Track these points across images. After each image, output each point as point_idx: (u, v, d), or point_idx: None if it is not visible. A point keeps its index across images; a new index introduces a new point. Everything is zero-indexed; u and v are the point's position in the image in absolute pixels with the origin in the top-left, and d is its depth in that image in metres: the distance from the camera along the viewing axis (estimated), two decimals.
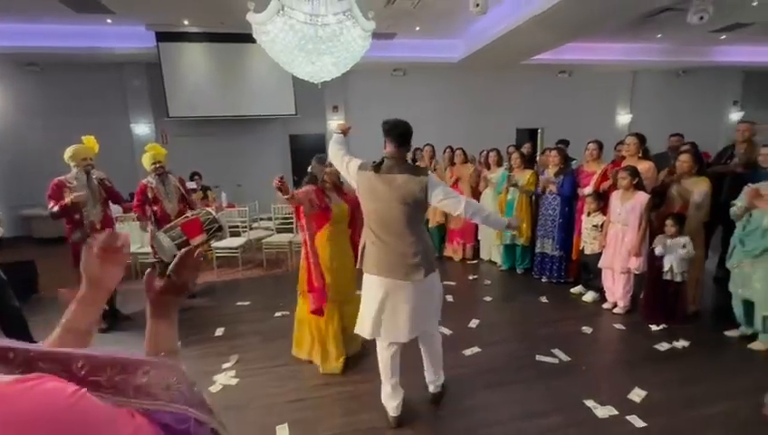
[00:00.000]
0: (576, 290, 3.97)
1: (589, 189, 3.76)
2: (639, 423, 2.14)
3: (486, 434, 2.13)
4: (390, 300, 2.05)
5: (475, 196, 5.08)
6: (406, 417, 2.22)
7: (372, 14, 3.18)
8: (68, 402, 0.39)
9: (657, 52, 8.54)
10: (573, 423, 2.17)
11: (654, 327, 3.20)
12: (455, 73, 8.55)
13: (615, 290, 3.53)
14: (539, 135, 9.71)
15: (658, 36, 7.75)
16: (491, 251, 5.04)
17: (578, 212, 4.00)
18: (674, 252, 3.13)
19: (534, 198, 4.46)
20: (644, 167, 3.48)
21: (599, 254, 3.60)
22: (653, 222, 3.41)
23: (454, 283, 4.37)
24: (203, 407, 0.60)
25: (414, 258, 1.98)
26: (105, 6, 5.51)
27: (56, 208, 3.11)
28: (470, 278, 4.58)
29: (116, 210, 4.20)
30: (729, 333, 3.05)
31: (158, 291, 0.75)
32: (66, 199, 3.09)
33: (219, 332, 3.36)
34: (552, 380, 2.57)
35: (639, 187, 3.31)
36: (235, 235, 5.53)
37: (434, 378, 2.36)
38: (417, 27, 6.84)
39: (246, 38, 4.35)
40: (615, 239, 3.43)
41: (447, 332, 3.16)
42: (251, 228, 5.73)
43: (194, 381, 0.62)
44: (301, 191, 2.54)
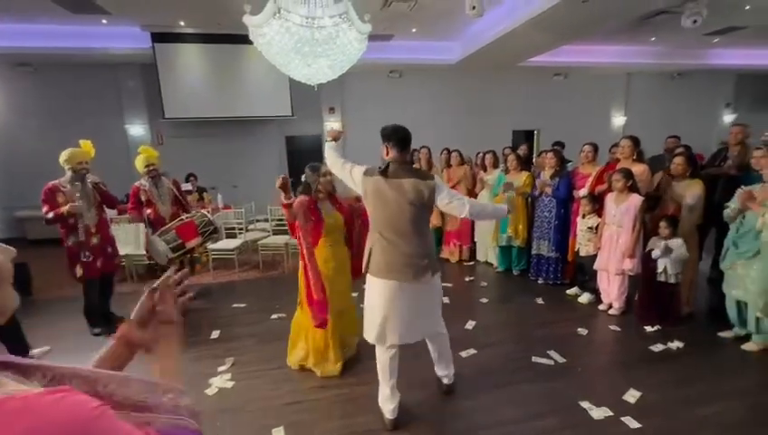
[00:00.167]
0: (572, 292, 3.98)
1: (584, 192, 3.78)
2: (634, 424, 2.15)
3: None
4: (399, 302, 2.07)
5: (472, 197, 5.10)
6: (401, 419, 2.21)
7: (368, 16, 3.18)
8: (92, 415, 0.42)
9: (652, 54, 8.62)
10: (569, 425, 2.18)
11: (648, 328, 3.22)
12: (451, 75, 8.57)
13: (610, 291, 3.55)
14: (535, 137, 9.76)
15: (653, 39, 7.82)
16: (487, 253, 5.06)
17: (573, 214, 4.02)
18: (668, 254, 3.15)
19: (530, 200, 4.48)
20: (638, 169, 3.51)
21: (594, 255, 3.62)
22: (647, 224, 3.44)
23: (450, 284, 4.37)
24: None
25: (423, 259, 2.05)
26: (101, 7, 5.48)
27: (51, 215, 3.09)
28: (466, 280, 4.59)
29: (112, 213, 4.17)
30: (723, 334, 3.08)
31: (140, 326, 0.79)
32: (62, 209, 3.07)
33: (215, 334, 3.34)
34: (548, 381, 2.58)
35: (634, 189, 3.34)
36: (232, 236, 5.52)
37: (446, 372, 2.44)
38: (414, 29, 6.85)
39: (243, 39, 4.33)
40: (610, 241, 3.45)
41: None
42: (247, 230, 5.72)
43: (199, 411, 0.68)
44: (296, 203, 2.51)
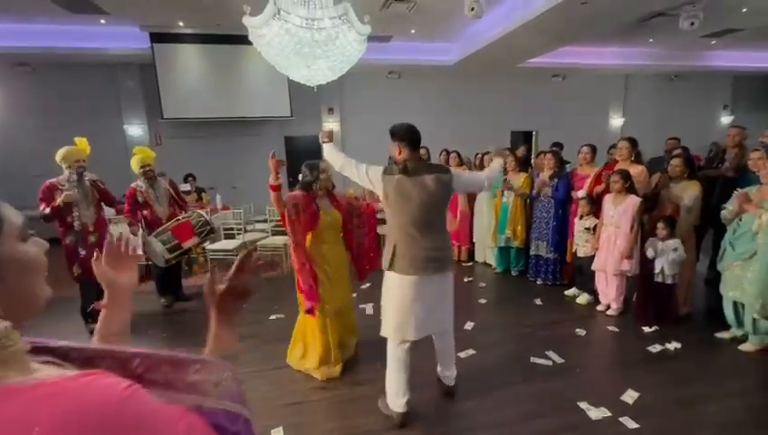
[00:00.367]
0: (570, 292, 4.00)
1: (582, 193, 3.80)
2: (632, 425, 2.15)
3: None
4: (422, 297, 2.14)
5: (471, 198, 5.12)
6: (398, 420, 2.22)
7: (368, 18, 3.19)
8: (122, 396, 0.43)
9: (650, 56, 8.66)
10: (567, 425, 2.18)
11: (646, 329, 3.24)
12: (450, 76, 8.59)
13: (608, 292, 3.56)
14: (533, 138, 9.78)
15: (650, 41, 7.86)
16: (486, 253, 5.07)
17: (572, 215, 4.03)
18: (665, 255, 3.17)
19: (529, 201, 4.49)
20: (636, 171, 3.53)
21: (592, 256, 3.64)
22: (645, 225, 3.46)
23: None
24: (245, 404, 0.63)
25: (445, 252, 2.20)
26: (99, 7, 5.47)
27: (47, 210, 3.08)
28: (465, 281, 4.60)
29: (109, 212, 4.16)
30: (720, 335, 3.09)
31: (220, 295, 0.76)
32: (57, 201, 3.06)
33: None
34: (546, 382, 2.59)
35: (631, 190, 3.35)
36: (230, 237, 5.51)
37: (449, 372, 2.45)
38: (413, 30, 6.86)
39: (242, 40, 4.33)
40: (608, 242, 3.46)
41: None
42: (246, 231, 5.72)
43: (241, 380, 0.65)
44: (289, 196, 2.53)
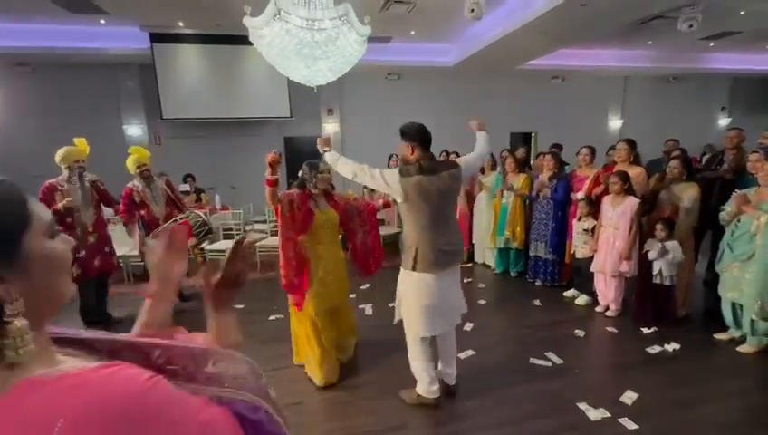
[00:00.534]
0: (569, 293, 4.00)
1: (581, 194, 3.81)
2: (631, 426, 2.16)
3: None
4: (446, 290, 2.23)
5: (470, 199, 5.12)
6: (398, 421, 2.23)
7: (368, 19, 3.19)
8: (144, 387, 0.43)
9: (648, 58, 8.68)
10: (566, 426, 2.18)
11: (645, 330, 3.24)
12: (449, 78, 8.60)
13: (607, 293, 3.57)
14: (533, 139, 9.80)
15: (649, 43, 7.89)
16: (485, 254, 5.07)
17: (571, 216, 4.04)
18: (663, 256, 3.17)
19: (528, 202, 4.50)
20: (635, 172, 3.54)
21: (591, 257, 3.64)
22: (644, 226, 3.46)
23: None
24: (267, 398, 0.63)
25: (460, 244, 2.31)
26: (99, 7, 5.47)
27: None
28: (464, 281, 4.60)
29: (108, 212, 4.15)
30: (718, 336, 3.10)
31: (215, 285, 0.77)
32: (58, 205, 3.06)
33: None
34: (546, 383, 2.59)
35: (630, 191, 3.36)
36: (229, 237, 5.51)
37: (450, 371, 2.47)
38: (413, 31, 6.87)
39: (241, 40, 4.34)
40: (606, 243, 3.47)
41: None
42: (245, 231, 5.71)
43: (260, 373, 0.66)
44: (284, 194, 2.53)
